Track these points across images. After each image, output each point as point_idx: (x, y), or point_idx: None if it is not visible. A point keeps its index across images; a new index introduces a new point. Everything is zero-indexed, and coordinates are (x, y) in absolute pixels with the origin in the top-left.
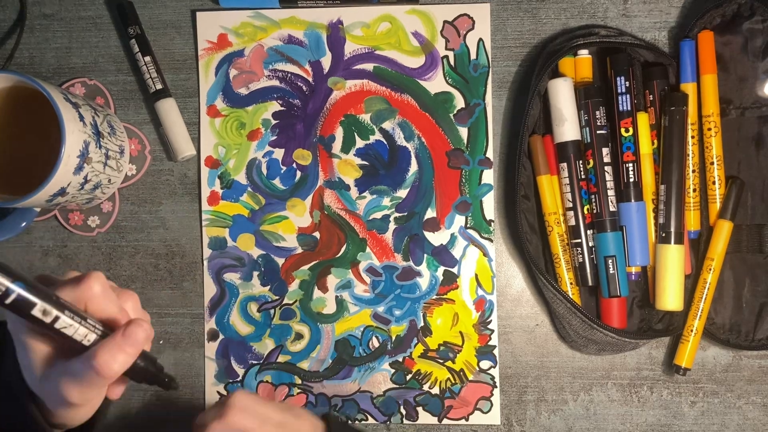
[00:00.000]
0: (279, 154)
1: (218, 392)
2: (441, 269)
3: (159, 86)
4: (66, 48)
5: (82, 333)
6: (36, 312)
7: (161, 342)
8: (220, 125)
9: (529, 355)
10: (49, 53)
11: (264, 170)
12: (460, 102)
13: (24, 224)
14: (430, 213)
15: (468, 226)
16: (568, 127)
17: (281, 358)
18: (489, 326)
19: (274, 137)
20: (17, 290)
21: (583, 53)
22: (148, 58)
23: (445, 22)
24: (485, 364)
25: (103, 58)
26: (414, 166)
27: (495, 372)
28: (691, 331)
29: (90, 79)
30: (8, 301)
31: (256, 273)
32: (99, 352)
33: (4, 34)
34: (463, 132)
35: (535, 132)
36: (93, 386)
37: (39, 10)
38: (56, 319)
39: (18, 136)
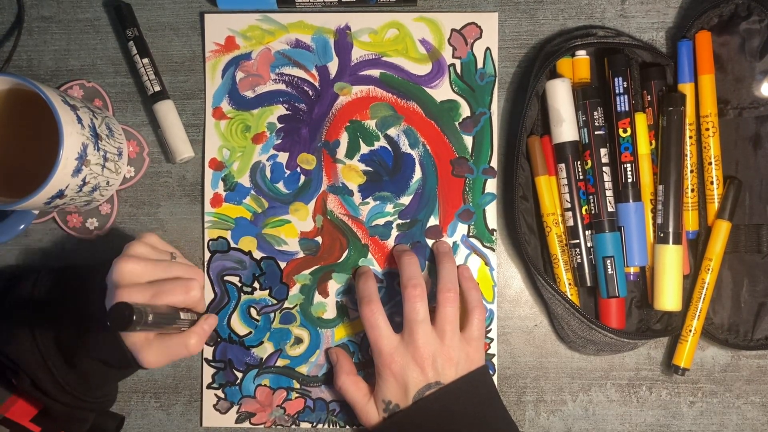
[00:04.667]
0: (283, 157)
1: (216, 395)
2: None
3: (157, 88)
4: (64, 50)
5: (180, 327)
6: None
7: None
8: (225, 128)
9: (527, 356)
10: (47, 55)
11: (268, 174)
12: (465, 110)
13: (22, 226)
14: (433, 221)
15: (470, 234)
16: (566, 127)
17: (280, 362)
18: (488, 335)
19: (279, 141)
20: (150, 317)
21: (581, 54)
22: (146, 60)
23: (452, 30)
24: None
25: (101, 60)
26: (418, 174)
27: (494, 380)
28: (690, 331)
29: (88, 82)
30: (149, 322)
31: (257, 276)
32: (191, 339)
33: (2, 37)
34: (468, 140)
35: (533, 133)
36: (179, 357)
37: (37, 12)
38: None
39: (16, 138)
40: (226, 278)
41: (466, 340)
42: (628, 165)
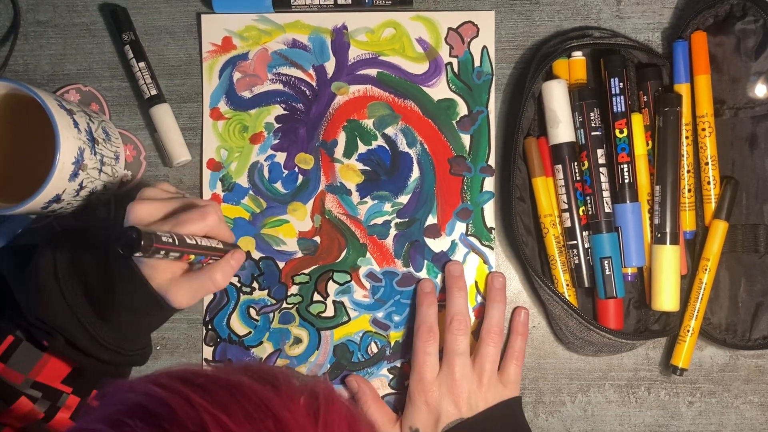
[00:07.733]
0: (281, 157)
1: None
2: (441, 276)
3: (153, 92)
4: (60, 54)
5: (210, 259)
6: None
7: (158, 348)
8: (223, 128)
9: (526, 357)
10: (43, 60)
11: (266, 174)
12: (463, 109)
13: (19, 231)
14: (431, 219)
15: (469, 233)
16: (562, 128)
17: (280, 362)
18: None
19: (277, 141)
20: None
21: (577, 55)
22: (142, 64)
23: (449, 29)
24: None
25: (97, 65)
26: (416, 173)
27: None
28: (688, 331)
29: (84, 86)
30: (161, 242)
31: (256, 276)
32: (216, 273)
33: None
34: (466, 139)
35: (529, 134)
36: (207, 293)
37: (33, 17)
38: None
39: (12, 143)
40: None
41: (503, 382)
42: (625, 166)
